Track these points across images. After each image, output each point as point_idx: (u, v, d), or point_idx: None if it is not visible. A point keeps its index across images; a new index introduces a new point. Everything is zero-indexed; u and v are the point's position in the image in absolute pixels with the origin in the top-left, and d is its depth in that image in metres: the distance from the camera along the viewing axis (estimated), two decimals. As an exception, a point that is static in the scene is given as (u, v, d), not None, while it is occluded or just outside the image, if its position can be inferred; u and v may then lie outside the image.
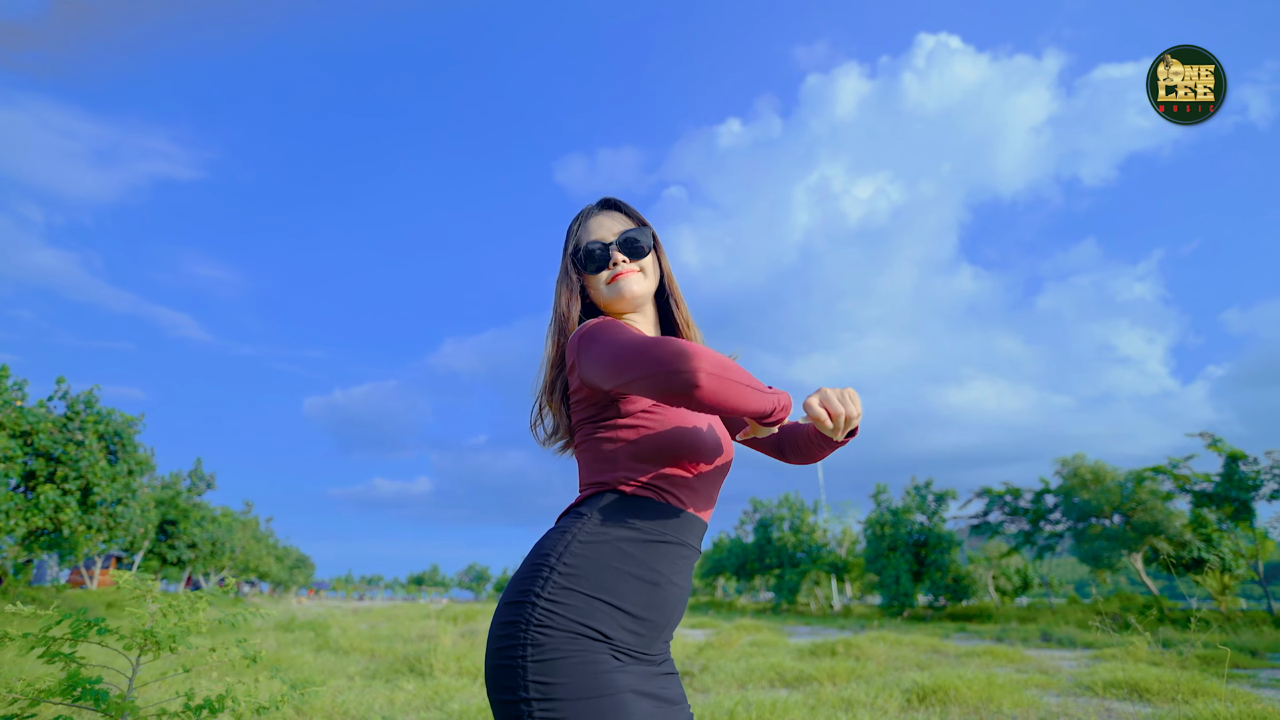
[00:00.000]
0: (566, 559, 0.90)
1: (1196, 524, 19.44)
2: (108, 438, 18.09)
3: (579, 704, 0.81)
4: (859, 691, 5.63)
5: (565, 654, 0.84)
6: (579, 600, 0.88)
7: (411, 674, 6.89)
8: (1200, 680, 6.55)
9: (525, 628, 0.86)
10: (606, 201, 1.22)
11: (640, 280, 1.13)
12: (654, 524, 0.96)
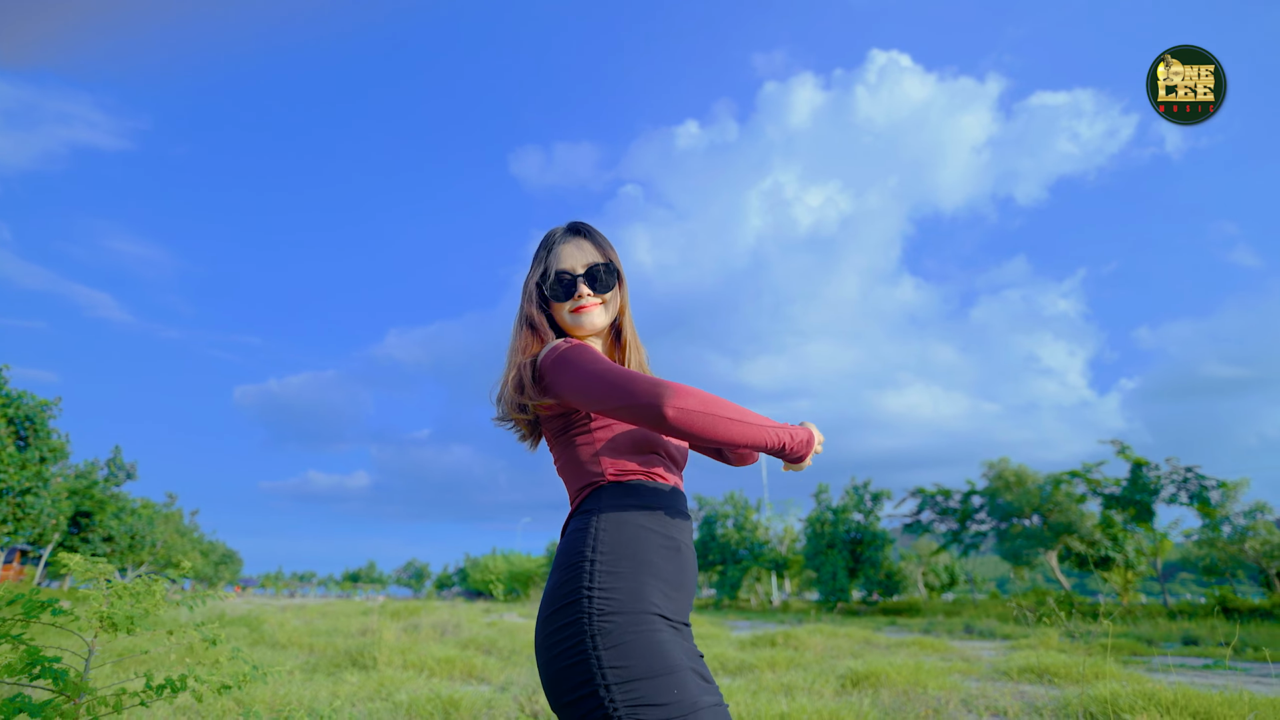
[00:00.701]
0: (601, 549, 0.97)
1: (1105, 524, 20.99)
2: (17, 422, 16.87)
3: (654, 681, 0.87)
4: (797, 678, 5.91)
5: (633, 635, 0.90)
6: (627, 580, 0.95)
7: (354, 667, 6.78)
8: (1101, 665, 7.16)
9: (589, 620, 0.91)
10: (575, 227, 1.26)
11: (601, 314, 1.21)
12: (654, 499, 1.06)
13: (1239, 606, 17.47)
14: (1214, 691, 5.03)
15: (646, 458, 1.10)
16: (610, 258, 1.24)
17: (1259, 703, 4.51)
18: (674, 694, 0.87)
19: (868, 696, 5.12)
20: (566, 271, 1.19)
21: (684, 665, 0.92)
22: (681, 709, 0.86)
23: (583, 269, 1.20)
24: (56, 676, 1.84)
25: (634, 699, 0.86)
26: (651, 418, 0.93)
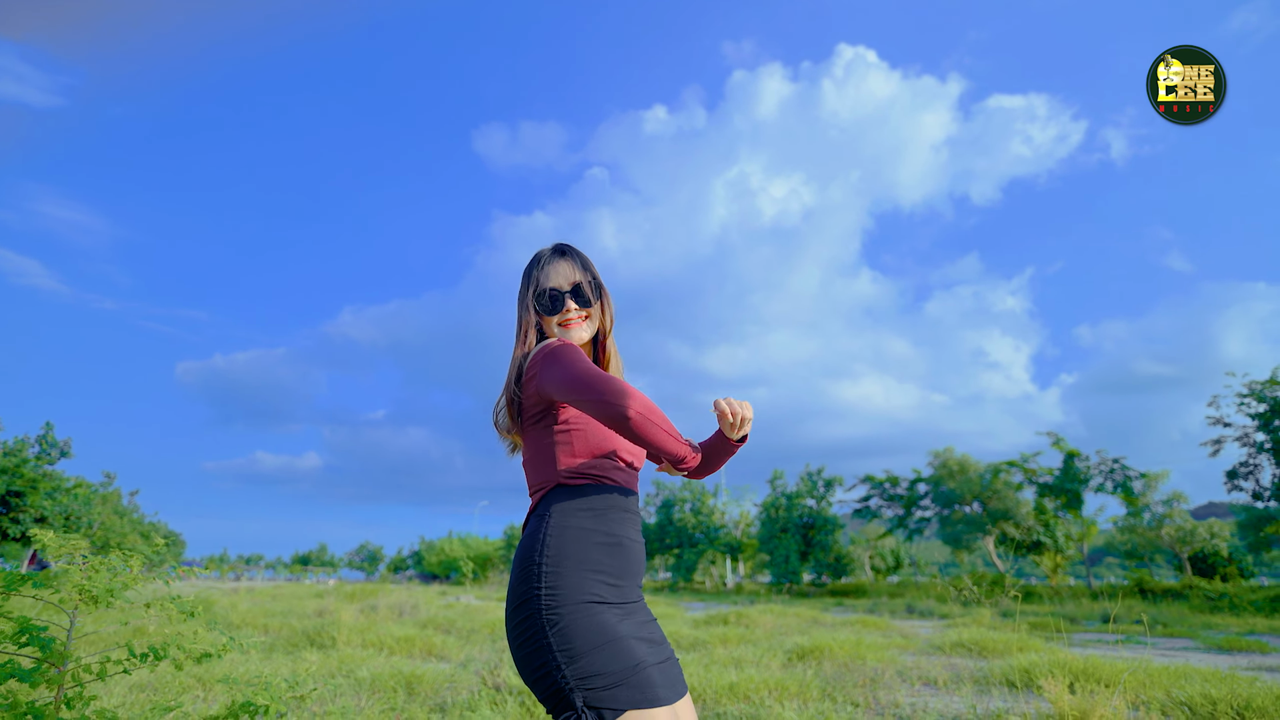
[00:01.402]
0: (547, 553, 1.15)
1: (1038, 511, 22.25)
2: (-58, 396, 15.94)
3: (597, 652, 1.06)
4: (747, 653, 6.24)
5: (575, 621, 1.09)
6: (569, 578, 1.13)
7: (313, 646, 6.81)
8: (1026, 640, 7.72)
9: (539, 614, 1.10)
10: (561, 249, 1.43)
11: (586, 328, 1.39)
12: (599, 499, 1.23)
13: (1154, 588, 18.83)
14: (1119, 660, 5.55)
15: (599, 461, 1.27)
16: (594, 275, 1.42)
17: (1154, 669, 5.02)
18: (616, 662, 1.06)
19: (811, 668, 5.46)
20: (555, 289, 1.36)
21: (624, 636, 1.11)
22: (624, 674, 1.06)
23: (569, 286, 1.36)
24: (43, 645, 1.91)
25: (581, 672, 1.05)
26: (615, 416, 1.11)
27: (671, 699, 1.09)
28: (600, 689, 1.04)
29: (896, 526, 25.77)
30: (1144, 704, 4.23)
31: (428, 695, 4.34)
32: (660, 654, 1.15)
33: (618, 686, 1.05)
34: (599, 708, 1.03)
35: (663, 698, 1.07)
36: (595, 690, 1.04)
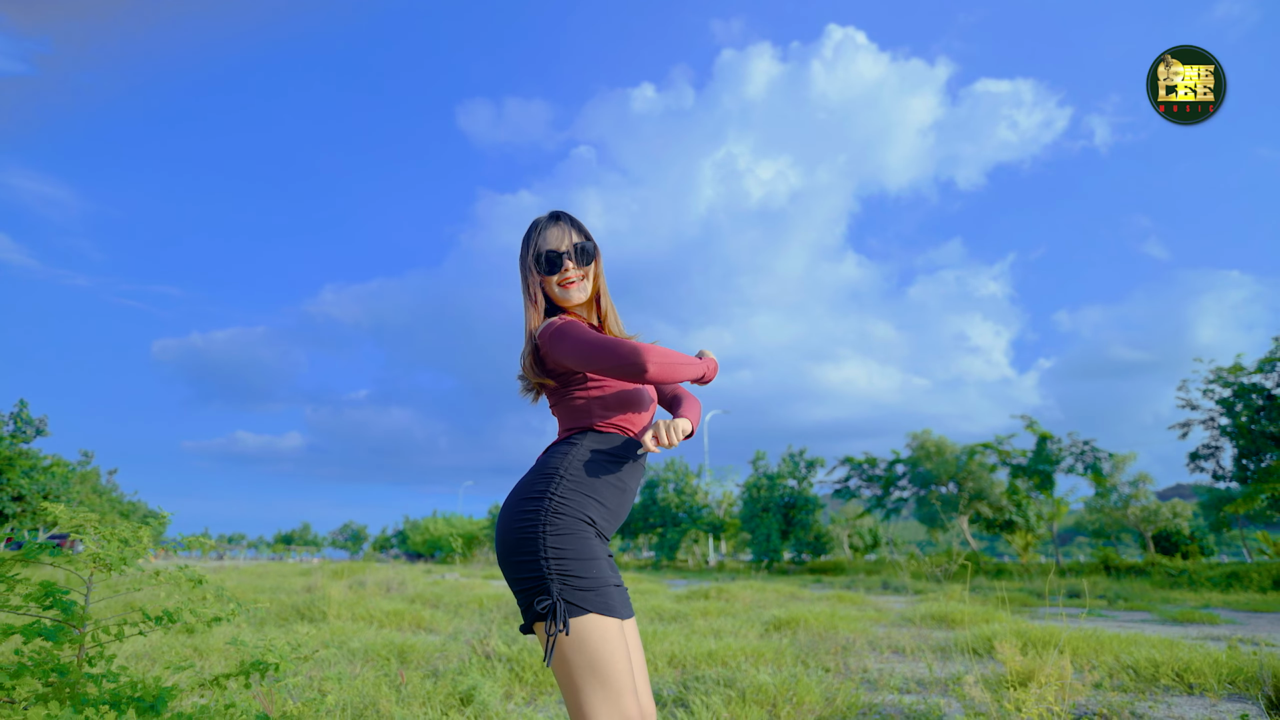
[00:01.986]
0: (569, 469, 1.33)
1: (1011, 492, 22.89)
2: (-85, 373, 15.67)
3: (579, 562, 1.24)
4: (726, 624, 6.50)
5: (570, 530, 1.26)
6: (579, 497, 1.30)
7: (303, 620, 6.96)
8: (992, 613, 8.09)
9: (544, 513, 1.26)
10: (556, 215, 1.54)
11: (584, 287, 1.51)
12: (621, 448, 1.41)
13: (1119, 565, 19.56)
14: (1076, 630, 5.88)
15: (626, 415, 1.44)
16: (588, 237, 1.55)
17: (1105, 637, 5.34)
18: (591, 572, 1.25)
19: (787, 637, 5.73)
20: (554, 250, 1.48)
21: (599, 558, 1.30)
22: (595, 582, 1.24)
23: (566, 248, 1.49)
24: (65, 608, 2.04)
25: (562, 569, 1.23)
26: (635, 374, 1.28)
27: (625, 616, 1.29)
28: (574, 588, 1.21)
29: (875, 506, 26.39)
30: (1092, 667, 4.53)
31: (420, 663, 4.52)
32: (618, 580, 1.33)
33: (589, 591, 1.22)
34: (570, 602, 1.19)
35: (619, 613, 1.26)
36: (570, 587, 1.21)
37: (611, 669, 1.17)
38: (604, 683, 1.16)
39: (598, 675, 1.16)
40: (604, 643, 1.19)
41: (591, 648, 1.17)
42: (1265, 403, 16.19)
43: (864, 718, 3.23)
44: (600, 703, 1.15)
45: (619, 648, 1.20)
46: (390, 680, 3.72)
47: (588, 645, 1.17)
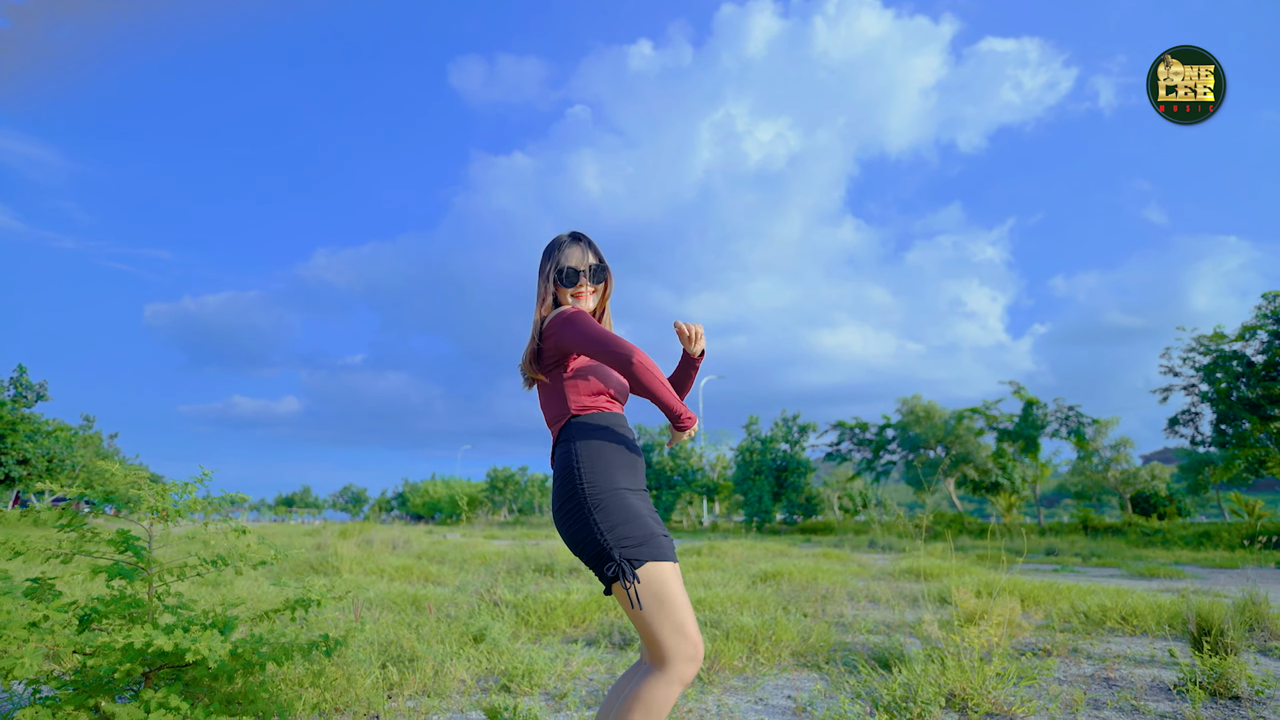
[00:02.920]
0: (582, 462, 1.58)
1: (998, 455, 23.52)
2: (-82, 339, 15.82)
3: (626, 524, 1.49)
4: (716, 576, 6.93)
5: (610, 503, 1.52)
6: (601, 475, 1.56)
7: (318, 574, 7.37)
8: (967, 568, 8.58)
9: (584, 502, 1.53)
10: (576, 235, 1.83)
11: (593, 299, 1.81)
12: (606, 419, 1.69)
13: (1097, 525, 20.29)
14: (1039, 581, 6.33)
15: (597, 398, 1.72)
16: (602, 260, 1.83)
17: (1063, 587, 5.78)
18: (639, 530, 1.52)
19: (771, 588, 6.16)
20: (574, 267, 1.77)
21: (643, 514, 1.57)
22: (645, 538, 1.51)
23: (585, 266, 1.78)
24: (137, 551, 2.36)
25: (617, 536, 1.50)
26: (623, 362, 1.56)
27: (674, 559, 1.56)
28: (630, 546, 1.49)
29: (864, 469, 27.07)
30: (1047, 612, 4.96)
31: (435, 610, 4.91)
32: (663, 529, 1.61)
33: (641, 545, 1.49)
34: (630, 559, 1.47)
35: (670, 557, 1.53)
36: (627, 547, 1.49)
37: (674, 602, 1.47)
38: (670, 614, 1.46)
39: (664, 608, 1.46)
40: (663, 583, 1.48)
41: (654, 588, 1.47)
42: (1244, 370, 16.62)
43: (835, 653, 3.62)
44: (671, 632, 1.44)
45: (676, 584, 1.50)
46: (408, 623, 4.10)
47: (650, 586, 1.46)
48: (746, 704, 2.82)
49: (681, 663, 1.43)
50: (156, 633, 1.93)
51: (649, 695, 1.42)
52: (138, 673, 2.09)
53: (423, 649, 3.31)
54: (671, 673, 1.43)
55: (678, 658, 1.43)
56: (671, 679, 1.42)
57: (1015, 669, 2.89)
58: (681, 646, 1.44)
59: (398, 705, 2.66)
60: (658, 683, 1.43)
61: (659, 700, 1.41)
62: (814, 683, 3.13)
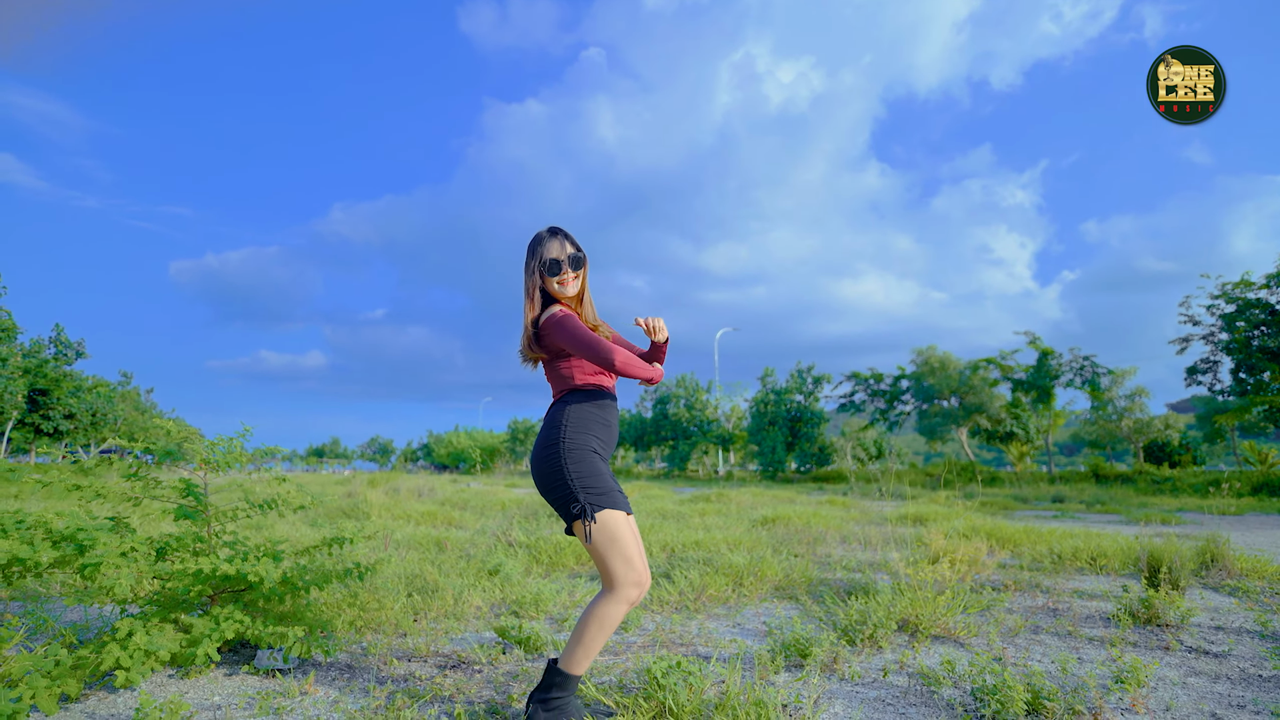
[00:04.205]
0: (570, 419, 1.90)
1: (1013, 405, 23.60)
2: (-37, 301, 16.61)
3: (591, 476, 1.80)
4: (718, 521, 7.38)
5: (582, 457, 1.84)
6: (581, 436, 1.87)
7: (349, 519, 7.97)
8: (962, 514, 8.93)
9: (562, 453, 1.85)
10: (554, 230, 2.07)
11: (575, 286, 2.04)
12: (597, 396, 2.00)
13: (1108, 473, 20.48)
14: (1024, 526, 6.66)
15: (598, 375, 2.03)
16: (579, 249, 2.09)
17: (1042, 531, 6.10)
18: (602, 483, 1.87)
19: (770, 530, 6.58)
20: (555, 258, 2.03)
21: (605, 474, 1.92)
22: (606, 490, 1.86)
23: (565, 256, 2.04)
24: (198, 497, 2.76)
25: (584, 484, 1.84)
26: (605, 365, 1.88)
27: (628, 511, 1.91)
28: (593, 494, 1.83)
29: (878, 419, 27.37)
30: (1021, 552, 5.30)
31: (455, 550, 5.40)
32: (621, 490, 1.95)
33: (603, 495, 1.84)
34: (591, 503, 1.81)
35: (624, 508, 1.88)
36: (589, 493, 1.83)
37: (624, 540, 1.83)
38: (620, 550, 1.82)
39: (615, 545, 1.82)
40: (616, 526, 1.83)
41: (609, 530, 1.82)
42: (1268, 318, 16.37)
43: (813, 587, 4.01)
44: (620, 563, 1.81)
45: (627, 528, 1.86)
46: (431, 560, 4.57)
47: (607, 529, 1.82)
48: (726, 627, 3.21)
49: (628, 587, 1.80)
50: (221, 561, 2.33)
51: (601, 612, 1.80)
52: (206, 594, 2.52)
53: (444, 581, 3.75)
54: (619, 594, 1.79)
55: (625, 583, 1.79)
56: (619, 599, 1.79)
57: (963, 599, 3.24)
58: (628, 574, 1.80)
59: (422, 625, 3.09)
60: (608, 601, 1.80)
61: (609, 616, 1.79)
62: (788, 611, 3.52)
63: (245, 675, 2.42)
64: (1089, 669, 2.53)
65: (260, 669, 2.45)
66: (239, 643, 2.70)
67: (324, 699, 2.18)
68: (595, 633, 1.80)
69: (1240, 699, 2.23)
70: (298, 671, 2.46)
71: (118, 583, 2.15)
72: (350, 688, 2.29)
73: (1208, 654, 2.74)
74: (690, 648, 2.83)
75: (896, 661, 2.59)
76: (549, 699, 1.83)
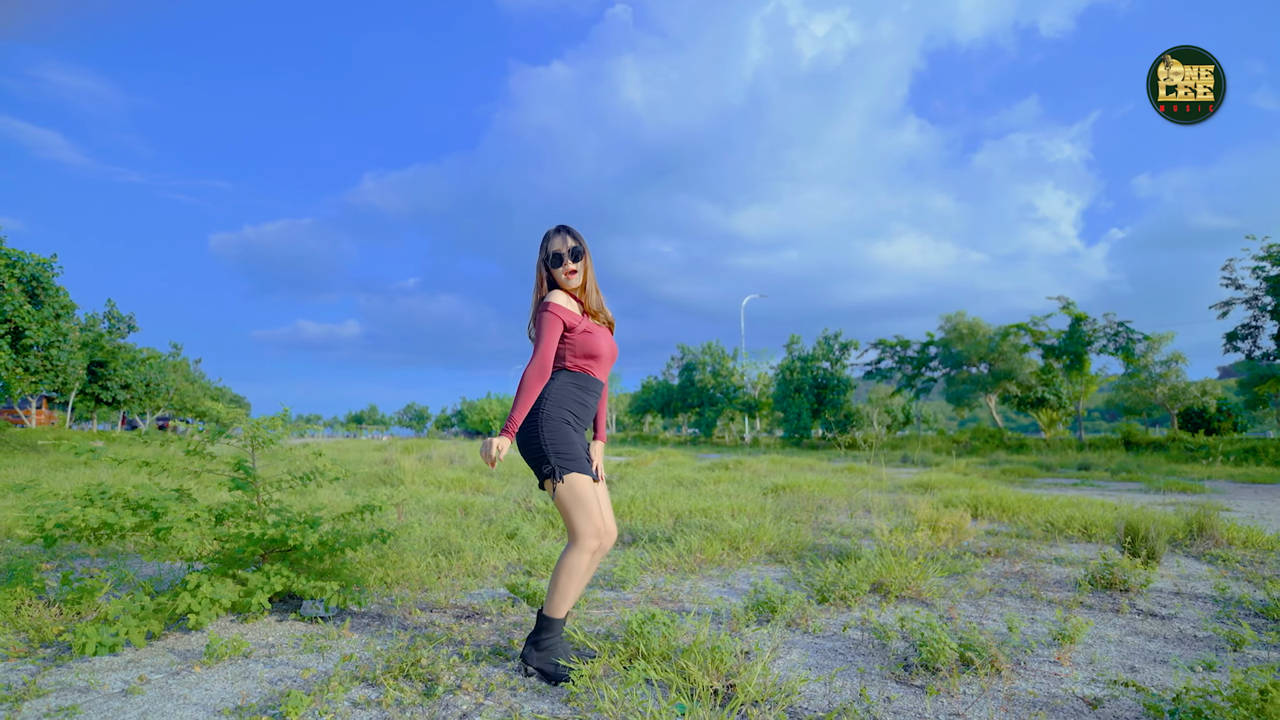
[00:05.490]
0: (552, 394, 2.19)
1: (1044, 371, 23.21)
2: (25, 281, 17.65)
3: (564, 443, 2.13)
4: (730, 488, 7.70)
5: (556, 426, 2.14)
6: (559, 410, 2.19)
7: (384, 485, 8.53)
8: (975, 481, 9.08)
9: (540, 420, 2.13)
10: (560, 227, 2.33)
11: (576, 277, 2.30)
12: (580, 379, 2.29)
13: (1140, 440, 20.16)
14: (1025, 494, 6.82)
15: (587, 361, 2.31)
16: (581, 243, 2.35)
17: (1043, 500, 6.26)
18: (572, 451, 2.18)
19: (777, 498, 6.88)
20: (558, 252, 2.31)
21: (576, 443, 2.23)
22: (574, 454, 2.17)
23: (568, 250, 2.31)
24: (247, 471, 3.17)
25: (556, 449, 2.15)
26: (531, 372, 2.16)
27: (593, 476, 2.22)
28: (562, 458, 2.14)
29: (905, 386, 27.22)
30: (1016, 519, 5.50)
31: (479, 515, 5.84)
32: (589, 456, 2.28)
33: (571, 460, 2.15)
34: (561, 466, 2.12)
35: (588, 473, 2.20)
36: (560, 457, 2.14)
37: (586, 498, 2.15)
38: (583, 506, 2.14)
39: (579, 502, 2.14)
40: (581, 486, 2.15)
41: (575, 490, 2.14)
42: (1316, 280, 15.70)
43: (805, 552, 4.31)
44: (583, 518, 2.13)
45: (590, 490, 2.18)
46: (456, 524, 5.00)
47: (572, 488, 2.14)
48: (716, 587, 3.55)
49: (588, 538, 2.12)
50: (267, 526, 2.73)
51: (568, 561, 2.14)
52: (258, 553, 2.94)
53: (465, 543, 4.16)
54: (581, 544, 2.13)
55: (586, 534, 2.12)
56: (582, 549, 2.13)
57: (940, 563, 3.50)
58: (588, 527, 2.12)
59: (444, 582, 3.50)
60: (572, 552, 2.14)
61: (575, 564, 2.13)
62: (775, 574, 3.84)
63: (293, 622, 2.85)
64: (1035, 628, 2.79)
65: (305, 616, 2.88)
66: (287, 595, 3.13)
67: (357, 641, 2.58)
68: (565, 580, 2.13)
69: (1164, 655, 2.47)
70: (336, 619, 2.87)
71: (185, 543, 2.57)
72: (379, 633, 2.69)
73: (1155, 616, 2.97)
74: (678, 604, 3.17)
75: (860, 619, 2.89)
76: (539, 640, 2.18)
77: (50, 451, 16.70)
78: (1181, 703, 1.82)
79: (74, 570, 3.31)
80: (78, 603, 2.78)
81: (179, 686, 2.12)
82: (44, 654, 2.42)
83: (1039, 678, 2.22)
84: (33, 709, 1.95)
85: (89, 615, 2.78)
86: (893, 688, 2.13)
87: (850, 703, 1.98)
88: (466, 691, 2.07)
